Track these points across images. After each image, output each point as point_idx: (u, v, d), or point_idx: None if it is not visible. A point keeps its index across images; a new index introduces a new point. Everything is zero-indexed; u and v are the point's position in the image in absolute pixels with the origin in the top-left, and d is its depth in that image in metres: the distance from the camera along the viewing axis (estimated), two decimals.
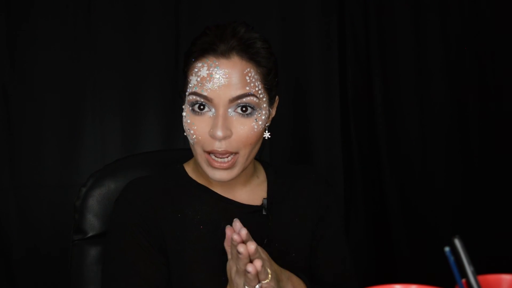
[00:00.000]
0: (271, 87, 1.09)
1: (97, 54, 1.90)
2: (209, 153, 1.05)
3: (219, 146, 1.03)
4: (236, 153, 1.05)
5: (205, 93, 1.03)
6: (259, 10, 2.00)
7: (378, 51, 2.11)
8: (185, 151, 1.20)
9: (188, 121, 1.06)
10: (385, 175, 2.12)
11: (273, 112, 1.14)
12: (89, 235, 1.28)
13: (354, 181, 2.11)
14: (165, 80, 1.95)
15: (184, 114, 1.08)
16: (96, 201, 1.28)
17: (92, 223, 1.28)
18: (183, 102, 1.10)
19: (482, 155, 2.17)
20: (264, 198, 1.15)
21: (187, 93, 1.07)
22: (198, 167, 1.14)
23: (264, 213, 1.13)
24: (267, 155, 1.87)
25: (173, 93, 1.95)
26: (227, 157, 1.05)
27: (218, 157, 1.04)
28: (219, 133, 1.02)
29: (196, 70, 1.05)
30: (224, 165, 1.04)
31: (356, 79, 2.11)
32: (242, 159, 1.06)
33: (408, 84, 2.14)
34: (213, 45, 1.04)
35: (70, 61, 1.89)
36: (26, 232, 1.86)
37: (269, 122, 1.12)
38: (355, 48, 2.11)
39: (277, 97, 1.14)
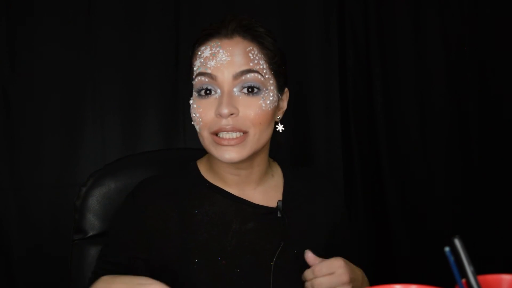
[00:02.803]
0: (278, 72, 1.09)
1: (97, 54, 1.90)
2: (216, 134, 1.04)
3: (226, 123, 1.02)
4: (245, 132, 1.04)
5: (209, 71, 1.03)
6: (259, 9, 2.00)
7: (378, 51, 2.11)
8: (186, 151, 1.20)
9: (195, 105, 1.06)
10: (385, 175, 2.12)
11: (284, 104, 1.14)
12: (89, 234, 1.28)
13: (354, 181, 2.11)
14: (165, 80, 1.95)
15: (191, 101, 1.08)
16: (96, 200, 1.28)
17: (92, 222, 1.28)
18: (191, 94, 1.10)
19: (482, 155, 2.17)
20: (279, 201, 1.13)
21: (193, 81, 1.07)
22: (212, 165, 1.13)
23: (279, 215, 1.11)
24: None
25: (173, 92, 1.95)
26: (236, 133, 1.03)
27: (226, 134, 1.03)
28: (225, 110, 1.01)
29: (199, 53, 1.06)
30: (233, 141, 1.03)
31: (356, 79, 2.11)
32: (252, 138, 1.04)
33: (408, 84, 2.14)
34: (216, 31, 1.06)
35: (70, 61, 1.89)
36: (26, 232, 1.86)
37: (281, 115, 1.13)
38: (355, 48, 2.11)
39: (286, 89, 1.15)
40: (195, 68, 1.07)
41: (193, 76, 1.07)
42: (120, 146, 1.92)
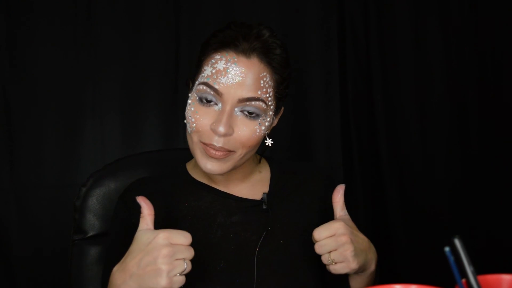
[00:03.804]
0: (280, 97, 1.10)
1: (97, 54, 1.90)
2: (205, 144, 1.05)
3: (217, 141, 1.03)
4: (232, 151, 1.05)
5: (217, 87, 1.02)
6: (259, 10, 2.00)
7: (378, 51, 2.10)
8: (186, 151, 1.20)
9: (192, 109, 1.05)
10: (385, 175, 2.12)
11: (276, 121, 1.14)
12: (89, 234, 1.29)
13: (354, 181, 2.11)
14: (165, 80, 1.95)
15: (189, 101, 1.07)
16: (96, 200, 1.28)
17: (92, 223, 1.29)
18: (190, 90, 1.09)
19: (482, 155, 2.17)
20: (264, 193, 1.14)
21: (197, 82, 1.06)
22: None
23: (264, 207, 1.13)
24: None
25: (173, 93, 1.95)
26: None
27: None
28: (221, 129, 1.01)
29: (213, 61, 1.04)
30: (218, 153, 1.03)
31: (356, 79, 2.11)
32: (237, 157, 1.06)
33: (408, 83, 2.14)
34: (235, 41, 1.04)
35: (70, 61, 1.89)
36: (26, 232, 1.86)
37: (269, 131, 1.12)
38: (355, 48, 2.11)
39: (282, 107, 1.14)
40: (203, 74, 1.05)
41: (200, 80, 1.05)
42: (120, 146, 1.92)
